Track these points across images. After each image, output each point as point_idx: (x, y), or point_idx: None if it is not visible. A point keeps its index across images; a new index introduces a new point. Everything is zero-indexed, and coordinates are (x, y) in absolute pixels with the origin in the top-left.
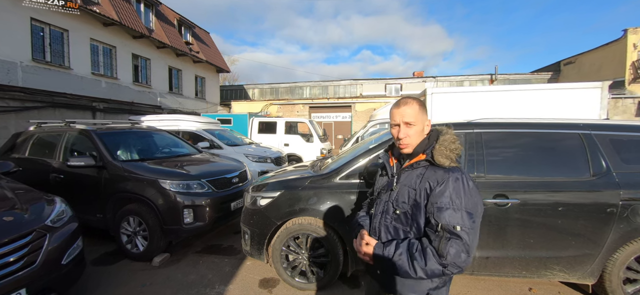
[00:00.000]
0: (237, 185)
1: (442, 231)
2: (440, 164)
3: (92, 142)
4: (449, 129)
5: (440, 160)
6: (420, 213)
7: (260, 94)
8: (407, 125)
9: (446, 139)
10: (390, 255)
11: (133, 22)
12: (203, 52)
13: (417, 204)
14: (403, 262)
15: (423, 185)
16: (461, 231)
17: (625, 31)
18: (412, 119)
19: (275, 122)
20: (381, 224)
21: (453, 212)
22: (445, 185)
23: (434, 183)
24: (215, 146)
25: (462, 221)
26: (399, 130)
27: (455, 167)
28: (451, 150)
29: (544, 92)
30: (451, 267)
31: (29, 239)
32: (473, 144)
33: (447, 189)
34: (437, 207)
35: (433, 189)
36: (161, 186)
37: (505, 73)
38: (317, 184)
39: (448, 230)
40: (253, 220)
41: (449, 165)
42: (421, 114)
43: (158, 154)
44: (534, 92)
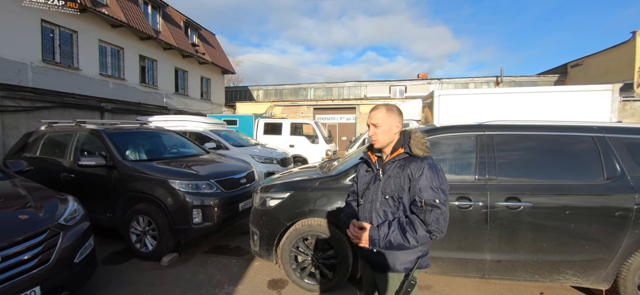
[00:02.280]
0: (245, 186)
1: (425, 206)
2: (416, 155)
3: (102, 142)
4: (417, 130)
5: (416, 152)
6: (404, 195)
7: (264, 95)
8: (374, 126)
9: (417, 135)
10: (385, 233)
11: (140, 24)
12: (209, 54)
13: (402, 188)
14: (397, 236)
15: (405, 173)
16: (439, 203)
17: (634, 33)
18: (378, 121)
19: (281, 123)
20: (371, 210)
21: (432, 190)
22: (423, 170)
23: (414, 170)
24: (222, 147)
25: (439, 196)
26: (369, 130)
27: (427, 156)
28: (422, 144)
29: (553, 94)
30: (435, 232)
31: (43, 237)
32: (484, 146)
33: (425, 173)
34: (419, 189)
35: (413, 174)
36: (170, 186)
37: (511, 75)
38: (326, 185)
39: (430, 204)
40: (262, 221)
41: (423, 155)
42: (388, 117)
43: (166, 154)
44: (542, 94)
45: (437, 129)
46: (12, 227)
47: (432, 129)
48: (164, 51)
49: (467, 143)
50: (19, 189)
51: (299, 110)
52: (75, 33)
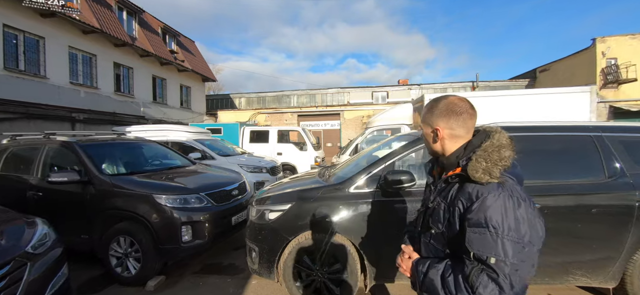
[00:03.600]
0: (237, 198)
1: (475, 261)
2: (476, 180)
3: (75, 155)
4: (497, 132)
5: (475, 176)
6: (454, 235)
7: (247, 103)
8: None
9: (488, 146)
10: (423, 273)
11: (115, 30)
12: (188, 61)
13: (451, 224)
14: (436, 284)
15: (456, 204)
16: (497, 264)
17: (594, 40)
18: (421, 123)
19: (268, 131)
20: (422, 239)
21: (489, 238)
22: (480, 205)
23: (467, 202)
24: (208, 157)
25: (499, 251)
26: None
27: (495, 183)
28: (493, 161)
29: (537, 96)
30: None
31: (6, 270)
32: None
33: (483, 211)
34: (471, 231)
35: (466, 208)
36: (156, 201)
37: (485, 80)
38: (329, 194)
39: (482, 261)
40: (261, 235)
41: (487, 181)
42: (424, 118)
43: (148, 166)
44: (527, 97)
45: None
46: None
47: None
48: (141, 58)
49: None
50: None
51: (283, 117)
52: (42, 39)
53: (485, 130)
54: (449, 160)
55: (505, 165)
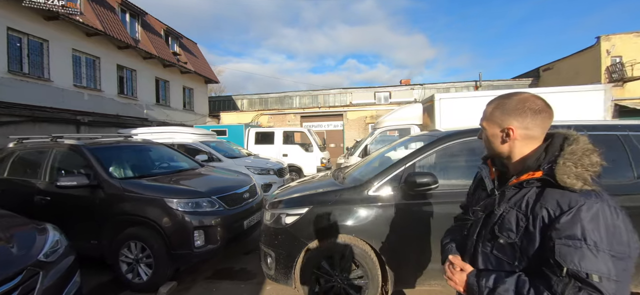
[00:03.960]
0: (248, 201)
1: (568, 278)
2: (566, 186)
3: (83, 158)
4: (581, 135)
5: (566, 181)
6: (532, 246)
7: (249, 104)
8: (483, 128)
9: (576, 150)
10: (489, 288)
11: (118, 32)
12: (191, 63)
13: (530, 234)
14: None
15: (539, 212)
16: (602, 283)
17: (598, 38)
18: (482, 121)
19: (273, 132)
20: (478, 249)
21: (590, 254)
22: (574, 215)
23: (555, 210)
24: (214, 159)
25: (602, 268)
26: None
27: (590, 191)
28: (585, 166)
29: (551, 95)
30: None
31: (19, 280)
32: None
33: (579, 221)
34: (562, 244)
35: (555, 217)
36: (167, 206)
37: (488, 79)
38: (348, 197)
39: (580, 279)
40: (278, 240)
41: (580, 188)
42: (494, 116)
43: (156, 169)
44: (543, 95)
45: (460, 133)
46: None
47: (463, 131)
48: (144, 61)
49: None
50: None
51: (285, 118)
52: (45, 42)
53: (560, 133)
54: (524, 163)
55: (595, 171)
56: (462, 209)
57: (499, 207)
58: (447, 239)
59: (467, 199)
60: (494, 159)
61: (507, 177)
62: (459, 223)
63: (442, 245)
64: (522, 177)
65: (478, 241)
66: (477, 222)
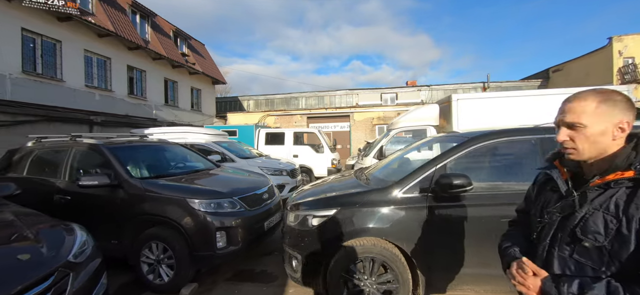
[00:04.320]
0: (267, 202)
1: None
2: None
3: (103, 158)
4: None
5: None
6: (626, 249)
7: (255, 105)
8: (571, 128)
9: None
10: (573, 294)
11: (129, 33)
12: (199, 64)
13: (623, 237)
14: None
15: (635, 213)
16: None
17: (610, 39)
18: (582, 118)
19: (283, 132)
20: (553, 253)
21: None
22: None
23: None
24: (227, 159)
25: None
26: (557, 133)
27: None
28: None
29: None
30: None
31: (51, 281)
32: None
33: None
34: None
35: None
36: (190, 206)
37: (497, 81)
38: (377, 199)
39: None
40: (304, 242)
41: None
42: (601, 113)
43: (173, 169)
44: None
45: (495, 133)
46: (11, 273)
47: (490, 133)
48: (153, 61)
49: (526, 148)
50: (12, 218)
51: (292, 119)
52: (58, 42)
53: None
54: (611, 162)
55: None
56: (518, 213)
57: (580, 209)
58: (507, 242)
59: (525, 202)
60: (562, 159)
61: (583, 178)
62: (515, 227)
63: (502, 249)
64: (608, 177)
65: (553, 245)
66: (551, 224)
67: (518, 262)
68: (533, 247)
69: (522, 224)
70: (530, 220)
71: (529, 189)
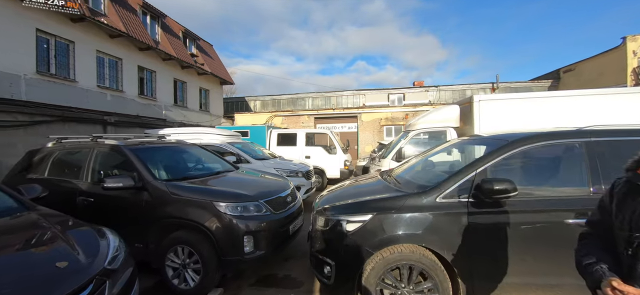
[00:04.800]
0: (291, 205)
1: None
2: None
3: (126, 159)
4: None
5: None
6: None
7: (261, 105)
8: None
9: None
10: None
11: (140, 34)
12: (207, 64)
13: None
14: None
15: None
16: None
17: (624, 39)
18: None
19: (296, 133)
20: None
21: None
22: None
23: None
24: (242, 160)
25: None
26: None
27: None
28: None
29: (596, 98)
30: None
31: (90, 290)
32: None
33: None
34: None
35: None
36: (217, 209)
37: (506, 81)
38: (415, 203)
39: None
40: (337, 248)
41: None
42: None
43: (194, 171)
44: (587, 98)
45: (535, 136)
46: (51, 282)
47: (538, 135)
48: (163, 62)
49: (569, 152)
50: (45, 223)
51: (299, 120)
52: (72, 43)
53: None
54: None
55: None
56: (592, 225)
57: None
58: (589, 258)
59: (600, 213)
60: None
61: None
62: (590, 240)
63: (584, 265)
64: None
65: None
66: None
67: (611, 283)
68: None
69: (598, 237)
70: (614, 234)
71: (604, 199)
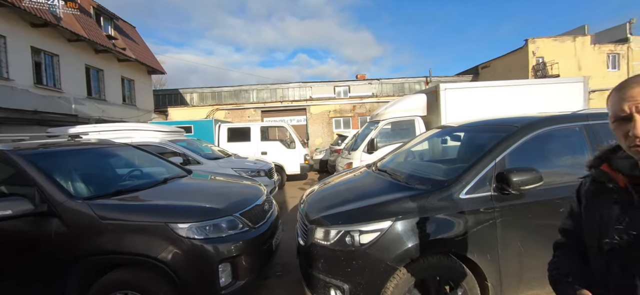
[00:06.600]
0: (269, 214)
1: None
2: None
3: (17, 171)
4: None
5: None
6: None
7: (199, 98)
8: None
9: None
10: None
11: (32, 6)
12: (131, 50)
13: None
14: None
15: None
16: None
17: (526, 41)
18: None
19: (249, 127)
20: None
21: None
22: None
23: None
24: (191, 161)
25: None
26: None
27: None
28: None
29: (541, 87)
30: None
31: None
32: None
33: None
34: None
35: None
36: (174, 234)
37: (436, 76)
38: (438, 203)
39: None
40: (352, 267)
41: None
42: None
43: (132, 181)
44: (533, 87)
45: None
46: None
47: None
48: (69, 44)
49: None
50: None
51: (245, 113)
52: None
53: None
54: None
55: None
56: (565, 233)
57: None
58: (561, 272)
59: (571, 220)
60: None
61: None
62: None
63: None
64: None
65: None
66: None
67: None
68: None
69: (571, 246)
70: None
71: (571, 205)
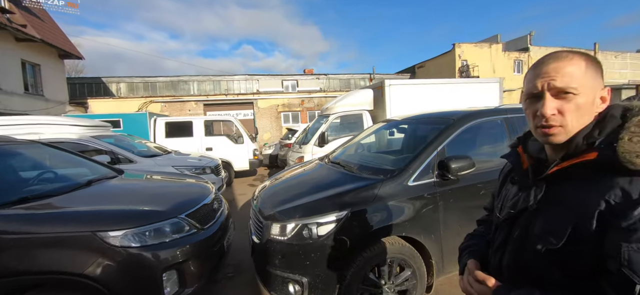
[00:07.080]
0: (219, 213)
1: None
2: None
3: None
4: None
5: (636, 162)
6: (585, 252)
7: (128, 89)
8: (558, 96)
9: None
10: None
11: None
12: (34, 27)
13: (580, 237)
14: None
15: (594, 207)
16: None
17: (453, 45)
18: (571, 82)
19: (191, 122)
20: (508, 259)
21: None
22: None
23: (620, 201)
24: (121, 160)
25: None
26: (542, 104)
27: None
28: None
29: (467, 85)
30: None
31: None
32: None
33: None
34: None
35: (620, 212)
36: (105, 243)
37: (379, 73)
38: (390, 191)
39: None
40: (310, 260)
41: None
42: (589, 77)
43: (42, 184)
44: (462, 85)
45: (475, 113)
46: None
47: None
48: None
49: (494, 127)
50: None
51: (185, 106)
52: None
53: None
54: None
55: None
56: (486, 210)
57: (535, 203)
58: (467, 244)
59: (491, 198)
60: (526, 143)
61: (546, 165)
62: (483, 226)
63: (460, 251)
64: (566, 163)
65: (505, 248)
66: (504, 225)
67: (469, 266)
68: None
69: (488, 224)
70: None
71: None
